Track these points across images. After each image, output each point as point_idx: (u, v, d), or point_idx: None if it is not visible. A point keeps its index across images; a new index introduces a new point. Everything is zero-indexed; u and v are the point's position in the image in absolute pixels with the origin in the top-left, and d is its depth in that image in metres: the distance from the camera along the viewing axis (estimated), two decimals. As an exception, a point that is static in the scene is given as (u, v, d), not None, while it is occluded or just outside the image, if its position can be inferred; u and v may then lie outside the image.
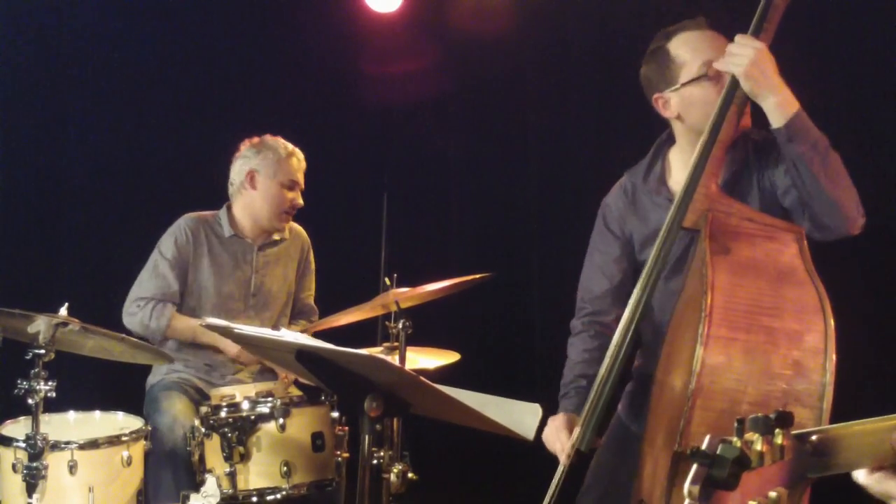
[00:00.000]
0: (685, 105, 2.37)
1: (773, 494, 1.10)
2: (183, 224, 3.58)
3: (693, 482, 1.04)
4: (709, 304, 1.96)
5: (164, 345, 3.50)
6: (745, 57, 2.14)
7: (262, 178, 3.58)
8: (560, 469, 2.31)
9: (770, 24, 2.20)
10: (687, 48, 2.35)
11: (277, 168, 3.58)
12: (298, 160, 3.64)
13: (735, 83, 2.22)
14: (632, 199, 2.54)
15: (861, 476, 1.19)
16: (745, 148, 2.36)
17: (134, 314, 3.47)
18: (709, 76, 2.31)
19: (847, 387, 1.99)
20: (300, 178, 3.63)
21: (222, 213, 3.65)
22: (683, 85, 2.35)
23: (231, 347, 3.45)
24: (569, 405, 2.49)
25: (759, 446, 1.12)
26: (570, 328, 2.65)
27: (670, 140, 2.51)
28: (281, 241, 3.69)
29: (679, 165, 2.47)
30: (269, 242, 3.67)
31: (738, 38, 2.19)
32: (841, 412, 1.89)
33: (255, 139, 3.66)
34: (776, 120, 2.14)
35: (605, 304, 2.58)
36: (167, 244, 3.55)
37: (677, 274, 2.32)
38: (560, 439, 2.39)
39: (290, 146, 3.64)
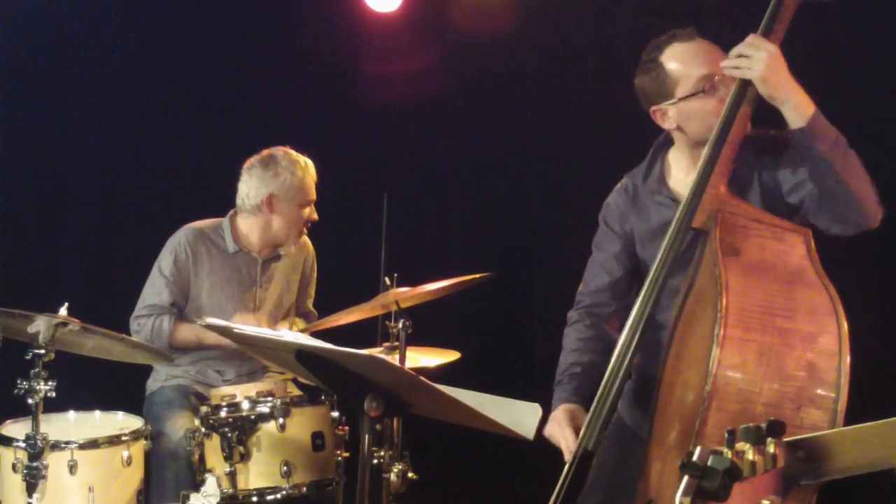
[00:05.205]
0: (684, 118, 2.39)
1: (765, 502, 1.11)
2: (183, 239, 3.52)
3: (684, 494, 1.05)
4: (724, 305, 1.96)
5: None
6: (761, 61, 2.14)
7: (282, 202, 3.52)
8: (567, 468, 2.28)
9: (781, 25, 2.20)
10: (681, 63, 2.36)
11: (297, 191, 3.53)
12: (312, 177, 3.58)
13: (744, 83, 2.21)
14: (632, 199, 2.56)
15: None
16: (744, 146, 2.36)
17: (137, 332, 3.46)
18: (705, 91, 2.32)
19: (859, 388, 1.99)
20: (315, 194, 3.60)
21: (225, 225, 3.59)
22: (681, 99, 2.36)
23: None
24: (564, 393, 2.49)
25: (750, 456, 1.13)
26: (566, 319, 2.66)
27: (669, 141, 2.52)
28: (286, 255, 3.67)
29: (678, 166, 2.49)
30: (273, 257, 3.64)
31: (750, 38, 2.19)
32: (853, 414, 1.90)
33: (266, 154, 3.57)
34: (795, 121, 2.15)
35: (603, 297, 2.61)
36: (166, 261, 3.50)
37: (677, 272, 2.33)
38: (565, 436, 2.36)
39: (303, 160, 3.57)
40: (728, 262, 2.04)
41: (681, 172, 2.48)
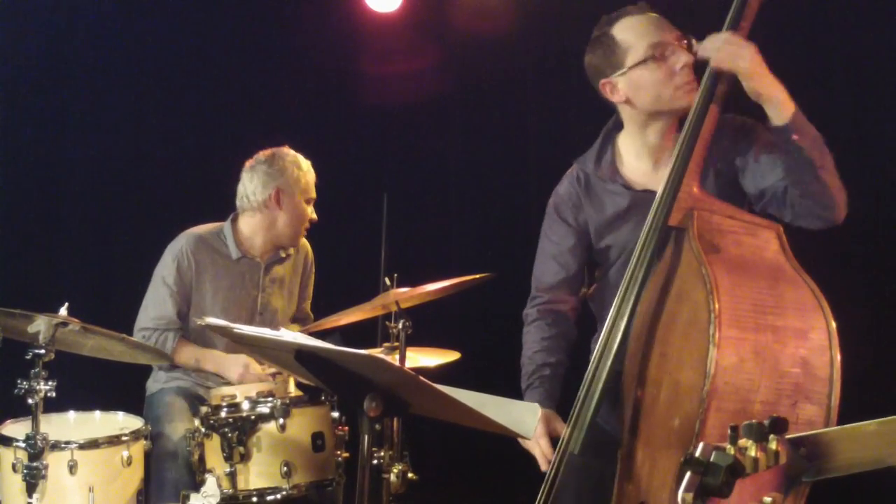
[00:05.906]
0: (633, 88, 2.38)
1: (767, 499, 1.11)
2: (185, 247, 3.50)
3: (686, 490, 1.05)
4: (717, 305, 1.96)
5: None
6: (746, 57, 2.15)
7: (289, 196, 3.52)
8: (551, 471, 2.28)
9: (745, 22, 2.21)
10: (631, 32, 2.36)
11: (303, 186, 3.55)
12: (313, 176, 3.60)
13: (714, 80, 2.22)
14: (585, 188, 2.55)
15: None
16: None
17: None
18: (655, 57, 2.32)
19: (849, 385, 2.00)
20: (315, 193, 3.61)
21: (227, 230, 3.58)
22: (630, 68, 2.36)
23: (233, 374, 3.41)
24: (536, 396, 2.47)
25: (753, 452, 1.13)
26: (522, 318, 2.65)
27: (617, 126, 2.52)
28: (287, 258, 3.67)
29: (629, 152, 2.48)
30: (275, 260, 3.63)
31: (727, 35, 2.19)
32: (847, 411, 1.90)
33: (268, 152, 3.57)
34: (780, 117, 2.17)
35: (560, 293, 2.59)
36: (168, 269, 3.49)
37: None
38: (540, 444, 2.37)
39: (303, 158, 3.59)
40: (711, 260, 2.05)
41: (632, 159, 2.47)
